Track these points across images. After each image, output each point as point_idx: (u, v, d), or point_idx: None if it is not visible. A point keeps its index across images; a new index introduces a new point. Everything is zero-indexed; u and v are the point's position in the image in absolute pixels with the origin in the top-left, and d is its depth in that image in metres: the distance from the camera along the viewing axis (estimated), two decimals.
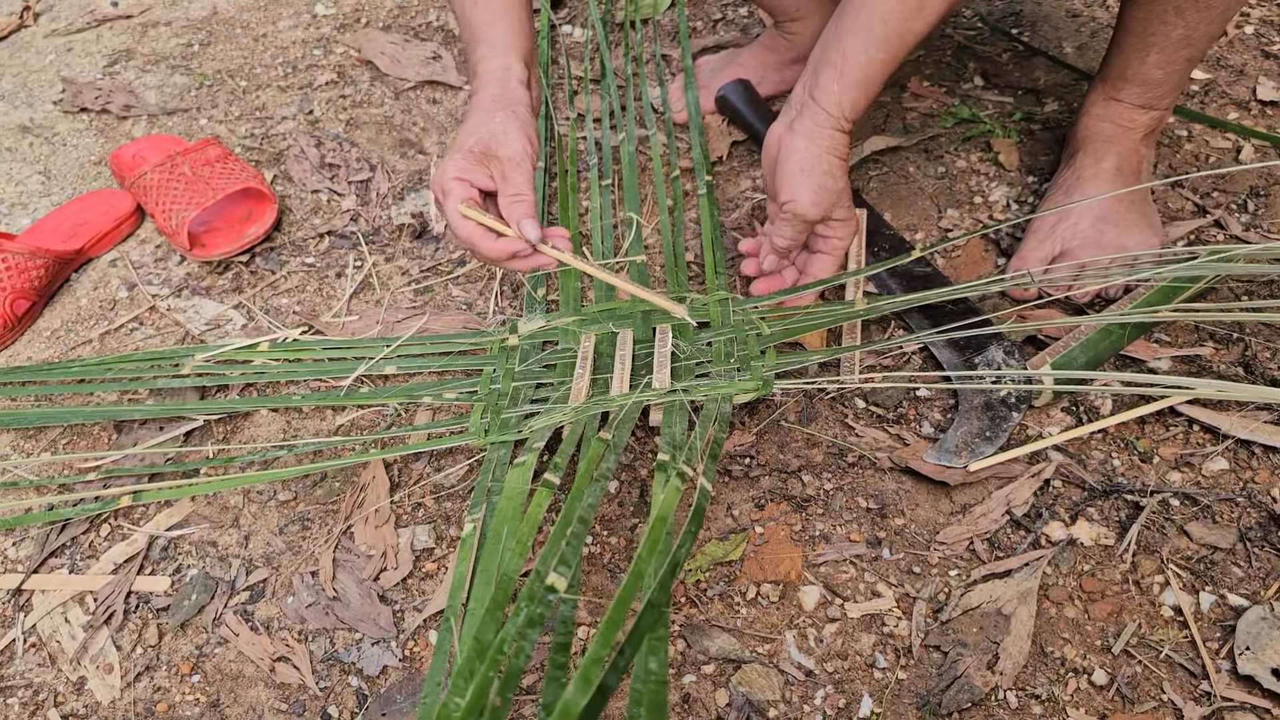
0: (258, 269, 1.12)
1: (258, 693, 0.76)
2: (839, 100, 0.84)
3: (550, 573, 0.62)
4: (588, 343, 0.93)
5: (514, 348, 0.96)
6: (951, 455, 0.83)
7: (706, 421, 0.79)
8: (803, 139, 0.85)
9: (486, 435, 0.86)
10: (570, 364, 0.92)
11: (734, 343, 0.91)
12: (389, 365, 0.96)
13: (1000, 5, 1.40)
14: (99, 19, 1.59)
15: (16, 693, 0.78)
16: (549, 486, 0.72)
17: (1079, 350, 0.87)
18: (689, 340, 0.92)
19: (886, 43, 0.81)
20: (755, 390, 0.84)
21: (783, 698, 0.72)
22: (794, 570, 0.79)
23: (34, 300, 1.07)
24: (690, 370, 0.89)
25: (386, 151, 1.27)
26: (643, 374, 0.88)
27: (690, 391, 0.84)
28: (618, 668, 0.53)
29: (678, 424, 0.80)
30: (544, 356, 0.95)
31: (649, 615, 0.58)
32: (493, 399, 0.90)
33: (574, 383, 0.88)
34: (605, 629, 0.55)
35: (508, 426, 0.86)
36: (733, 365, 0.88)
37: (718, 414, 0.81)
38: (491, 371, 0.94)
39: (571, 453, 0.78)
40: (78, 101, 1.40)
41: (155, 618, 0.81)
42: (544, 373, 0.93)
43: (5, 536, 0.88)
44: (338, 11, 1.55)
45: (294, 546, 0.85)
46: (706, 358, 0.90)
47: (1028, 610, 0.74)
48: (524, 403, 0.89)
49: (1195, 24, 0.86)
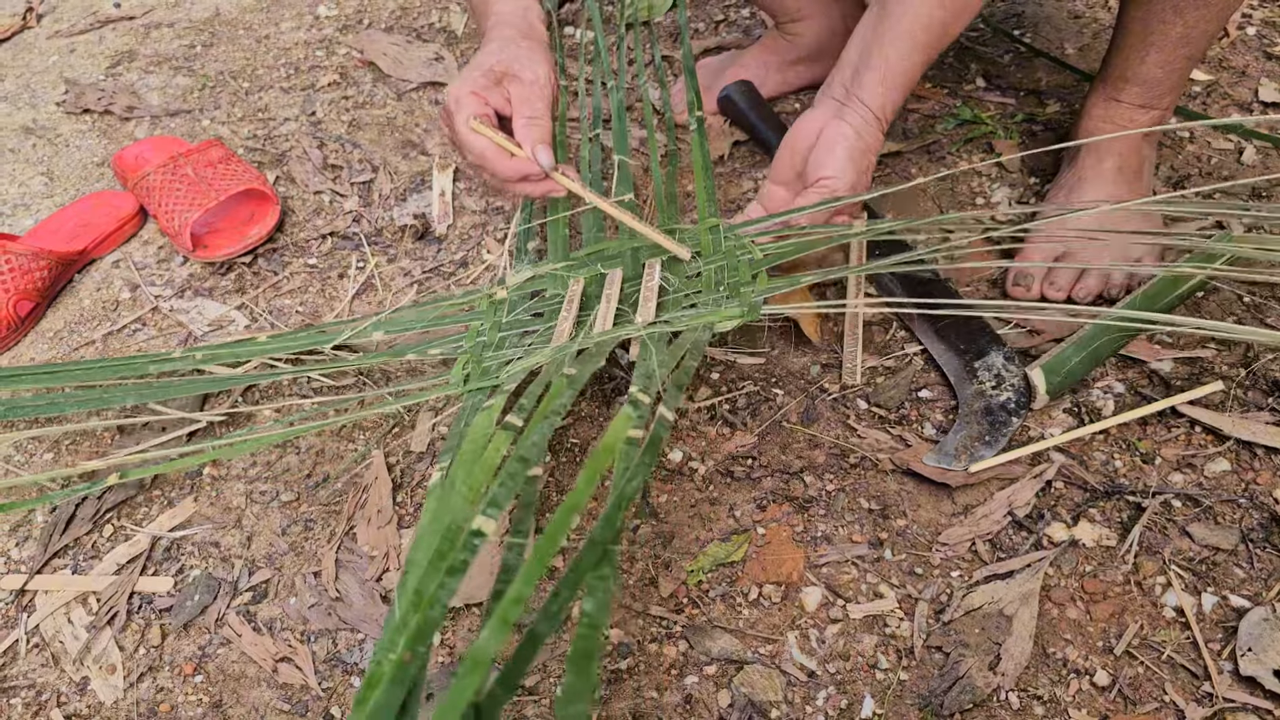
0: (260, 270, 1.12)
1: (260, 693, 0.76)
2: (883, 103, 0.85)
3: (477, 515, 0.55)
4: (575, 286, 0.91)
5: (502, 300, 0.93)
6: (950, 459, 0.83)
7: (678, 350, 0.75)
8: (854, 130, 0.85)
9: (466, 384, 0.82)
10: (559, 310, 0.89)
11: (724, 270, 0.88)
12: (376, 331, 0.93)
13: (1002, 7, 1.40)
14: (101, 20, 1.59)
15: (19, 693, 0.78)
16: (509, 429, 0.66)
17: (1073, 350, 0.87)
18: (678, 274, 0.90)
19: (927, 47, 0.83)
20: (740, 316, 0.80)
21: (785, 698, 0.72)
22: (796, 571, 0.79)
23: (37, 301, 1.07)
24: (678, 303, 0.86)
25: (389, 153, 1.27)
26: (630, 312, 0.85)
27: (672, 323, 0.80)
28: (551, 613, 0.48)
29: (654, 358, 0.75)
30: (532, 305, 0.92)
31: (591, 553, 0.51)
32: (477, 350, 0.87)
33: (558, 325, 0.85)
34: (530, 567, 0.49)
35: (488, 374, 0.83)
36: (722, 294, 0.85)
37: (692, 341, 0.76)
38: (479, 326, 0.91)
39: (540, 394, 0.73)
40: (80, 103, 1.40)
41: (158, 618, 0.82)
42: (532, 322, 0.90)
43: (8, 537, 0.88)
44: (340, 13, 1.55)
45: (296, 547, 0.85)
46: (696, 289, 0.87)
47: (1029, 611, 0.74)
48: (508, 350, 0.86)
49: (1194, 22, 0.86)
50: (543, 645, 0.46)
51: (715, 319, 0.80)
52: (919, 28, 0.82)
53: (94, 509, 0.89)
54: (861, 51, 0.86)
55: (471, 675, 0.43)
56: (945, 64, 1.30)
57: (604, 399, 0.93)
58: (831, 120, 0.87)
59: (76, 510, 0.89)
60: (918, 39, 0.83)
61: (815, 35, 1.22)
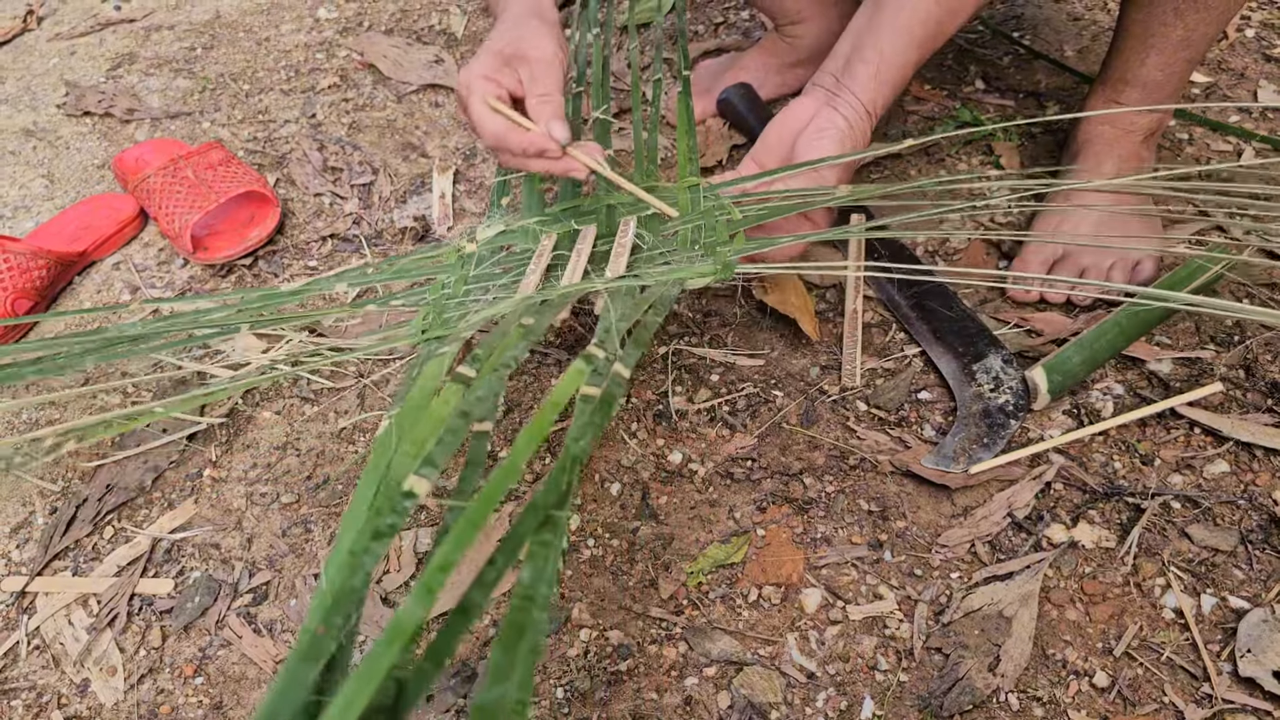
0: (260, 272, 1.12)
1: (261, 695, 0.76)
2: (873, 98, 0.84)
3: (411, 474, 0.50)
4: (547, 241, 0.89)
5: (471, 255, 0.91)
6: (949, 461, 0.83)
7: (642, 304, 0.71)
8: (846, 121, 0.85)
9: (424, 335, 0.80)
10: (528, 264, 0.87)
11: (700, 230, 0.86)
12: (339, 283, 0.90)
13: (1002, 9, 1.40)
14: (102, 23, 1.60)
15: (20, 695, 0.78)
16: (460, 380, 0.62)
17: (1074, 350, 0.87)
18: (654, 231, 0.88)
19: (923, 44, 0.83)
20: (713, 274, 0.77)
21: (784, 700, 0.72)
22: (795, 573, 0.79)
23: (35, 300, 1.07)
24: (652, 260, 0.84)
25: (389, 155, 1.27)
26: (601, 266, 0.83)
27: (642, 278, 0.77)
28: (486, 582, 0.43)
29: (620, 307, 0.71)
30: (502, 259, 0.90)
31: (531, 517, 0.47)
32: (439, 301, 0.85)
33: (525, 279, 0.83)
34: (460, 531, 0.44)
35: (449, 326, 0.80)
36: (697, 252, 0.83)
37: (658, 296, 0.72)
38: (445, 279, 0.89)
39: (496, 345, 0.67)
40: (81, 105, 1.40)
41: (158, 620, 0.82)
42: (500, 275, 0.87)
43: (9, 539, 0.89)
44: (340, 15, 1.56)
45: (297, 549, 0.85)
46: (671, 248, 0.85)
47: (1029, 612, 0.74)
48: (471, 303, 0.84)
49: (1195, 25, 0.86)
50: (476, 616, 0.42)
51: (686, 275, 0.78)
52: (915, 23, 0.82)
53: (95, 511, 0.89)
54: (855, 44, 0.86)
55: (390, 646, 0.38)
56: (944, 66, 1.30)
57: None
58: (824, 108, 0.86)
59: (77, 512, 0.89)
60: (914, 34, 0.82)
61: (815, 38, 1.22)
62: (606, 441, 0.90)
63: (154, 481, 0.91)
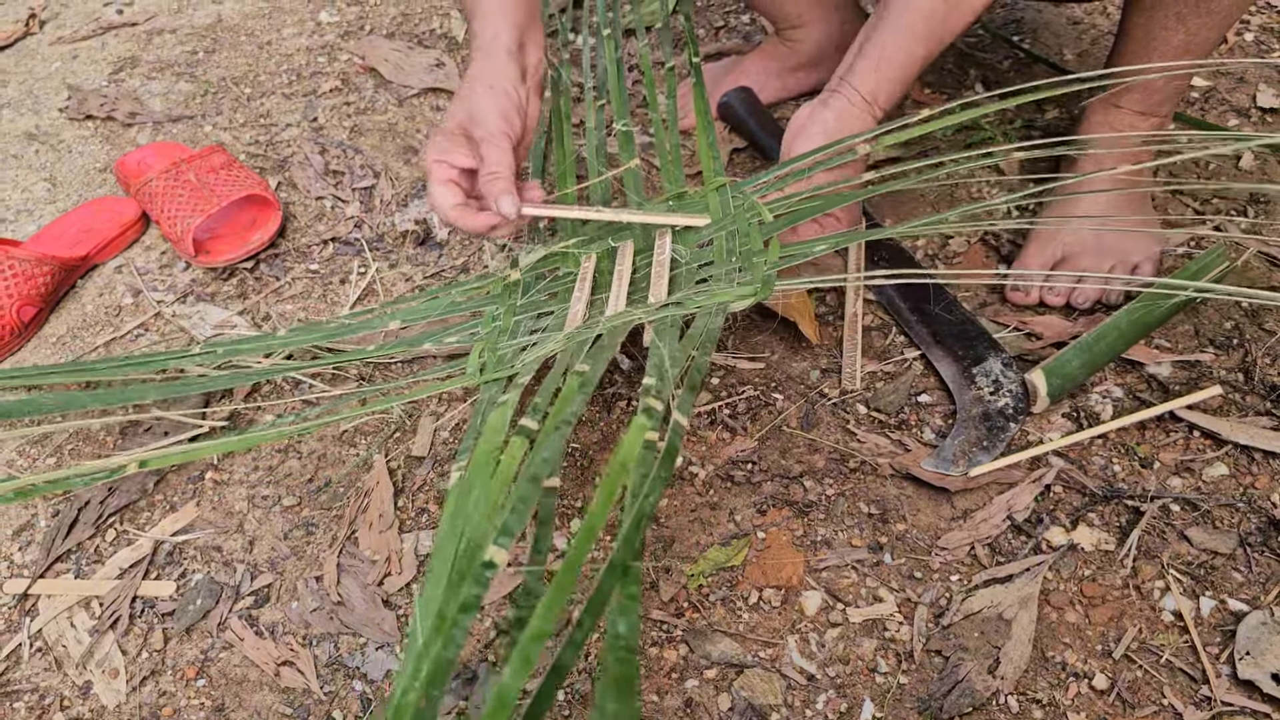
0: (262, 275, 1.13)
1: (262, 697, 0.77)
2: (874, 88, 0.85)
3: (489, 545, 0.52)
4: (588, 263, 0.89)
5: (516, 283, 0.92)
6: (949, 464, 0.84)
7: (689, 344, 0.71)
8: (834, 114, 0.86)
9: (481, 374, 0.80)
10: (572, 289, 0.87)
11: (735, 237, 0.86)
12: (393, 320, 0.92)
13: (1001, 13, 1.40)
14: (104, 26, 1.60)
15: (23, 697, 0.78)
16: (524, 434, 0.63)
17: (1074, 353, 0.87)
18: (688, 243, 0.88)
19: (927, 39, 0.84)
20: (752, 295, 0.77)
21: (785, 702, 0.73)
22: (796, 575, 0.79)
23: (40, 307, 1.08)
24: (691, 276, 0.84)
25: (390, 158, 1.28)
26: (643, 288, 0.83)
27: (684, 304, 0.78)
28: (576, 642, 0.46)
29: (669, 344, 0.72)
30: (546, 285, 0.90)
31: (611, 576, 0.49)
32: (493, 337, 0.85)
33: (571, 307, 0.83)
34: (551, 598, 0.46)
35: (504, 362, 0.81)
36: (734, 265, 0.83)
37: (703, 334, 0.72)
38: (494, 310, 0.89)
39: (554, 391, 0.70)
40: (83, 109, 1.41)
41: (160, 622, 0.82)
42: (547, 302, 0.88)
43: (11, 541, 0.89)
44: (341, 19, 1.56)
45: (298, 552, 0.86)
46: (708, 259, 0.85)
47: (1028, 615, 0.75)
48: (523, 335, 0.84)
49: (1196, 30, 0.87)
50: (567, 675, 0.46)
51: (729, 298, 0.78)
52: (919, 18, 0.83)
53: (97, 513, 0.89)
54: (859, 45, 0.87)
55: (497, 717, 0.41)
56: (944, 70, 1.30)
57: (604, 403, 0.94)
58: (818, 108, 0.88)
59: (79, 515, 0.89)
60: (917, 29, 0.83)
61: (815, 42, 1.22)
62: (607, 444, 0.90)
63: (156, 484, 0.92)
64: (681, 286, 0.83)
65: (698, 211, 0.91)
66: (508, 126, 0.82)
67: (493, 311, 0.90)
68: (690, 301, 0.78)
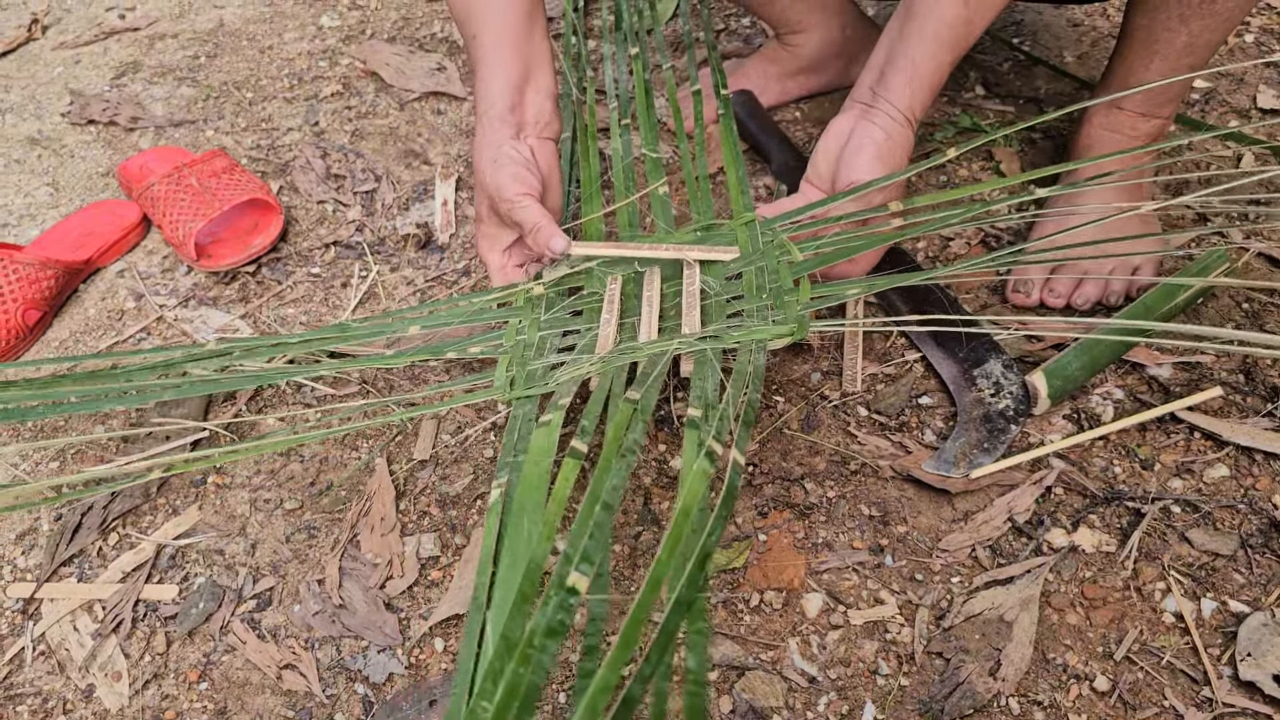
0: (264, 279, 1.13)
1: (265, 700, 0.77)
2: (910, 103, 0.86)
3: (571, 571, 0.53)
4: (614, 285, 0.90)
5: (539, 297, 0.92)
6: (949, 466, 0.84)
7: (739, 381, 0.72)
8: (882, 132, 0.86)
9: (511, 389, 0.81)
10: (598, 309, 0.88)
11: (764, 273, 0.87)
12: (413, 325, 0.92)
13: (1001, 15, 1.40)
14: (106, 32, 1.60)
15: (26, 700, 0.79)
16: (576, 456, 0.65)
17: (1074, 355, 0.87)
18: (717, 276, 0.89)
19: (953, 45, 0.84)
20: (790, 334, 0.79)
21: (786, 704, 0.73)
22: (797, 577, 0.79)
23: (45, 311, 1.08)
24: (721, 309, 0.85)
25: (392, 162, 1.28)
26: (672, 315, 0.85)
27: (721, 338, 0.79)
28: (643, 676, 0.48)
29: (710, 377, 0.74)
30: (571, 304, 0.91)
31: (676, 615, 0.51)
32: (518, 350, 0.86)
33: (600, 329, 0.84)
34: (617, 653, 0.48)
35: (534, 379, 0.81)
36: (765, 300, 0.83)
37: (751, 370, 0.74)
38: (518, 323, 0.90)
39: (599, 413, 0.72)
40: (85, 113, 1.41)
41: (163, 625, 0.82)
42: (571, 320, 0.89)
43: (15, 545, 0.89)
44: (343, 24, 1.56)
45: (300, 555, 0.86)
46: (736, 293, 0.86)
47: (1030, 617, 0.75)
48: (550, 353, 0.85)
49: (1199, 32, 0.87)
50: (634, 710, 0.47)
51: (767, 336, 0.79)
52: (944, 26, 0.83)
53: (100, 517, 0.89)
54: (888, 53, 0.87)
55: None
56: None
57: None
58: (860, 122, 0.88)
59: (83, 519, 0.89)
60: (943, 37, 0.84)
61: (816, 46, 1.22)
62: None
63: (159, 488, 0.92)
64: (712, 317, 0.84)
65: (726, 244, 0.92)
66: (526, 187, 0.85)
67: (516, 324, 0.90)
68: (727, 336, 0.79)
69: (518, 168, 0.86)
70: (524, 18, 0.89)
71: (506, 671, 0.49)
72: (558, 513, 0.60)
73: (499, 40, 0.88)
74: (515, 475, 0.70)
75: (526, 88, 0.89)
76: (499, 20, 0.88)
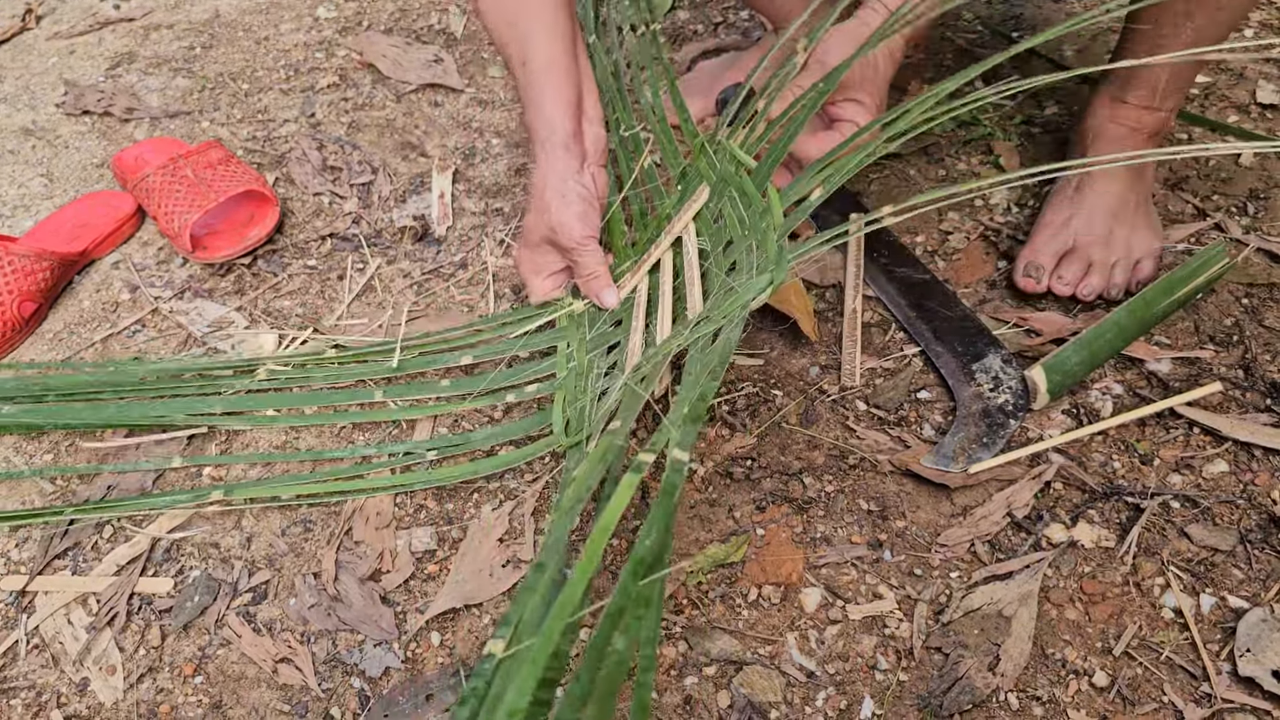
0: (260, 271, 1.12)
1: (260, 694, 0.76)
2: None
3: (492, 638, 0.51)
4: (641, 286, 0.90)
5: (581, 314, 0.92)
6: (948, 460, 0.84)
7: (694, 374, 0.70)
8: (857, 19, 0.87)
9: (567, 433, 0.81)
10: (632, 312, 0.88)
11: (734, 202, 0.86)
12: (465, 355, 0.93)
13: (1001, 8, 1.40)
14: (101, 22, 1.59)
15: (19, 694, 0.78)
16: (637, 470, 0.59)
17: (1073, 350, 0.87)
18: (708, 228, 0.89)
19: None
20: (769, 284, 0.74)
21: (784, 699, 0.73)
22: (795, 572, 0.79)
23: (40, 302, 1.07)
24: (721, 268, 0.83)
25: (388, 154, 1.27)
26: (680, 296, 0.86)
27: (712, 318, 0.76)
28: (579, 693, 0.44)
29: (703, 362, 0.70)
30: (610, 315, 0.90)
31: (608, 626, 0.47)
32: (570, 381, 0.86)
33: (628, 344, 0.84)
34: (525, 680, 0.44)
35: (582, 418, 0.81)
36: (748, 236, 0.82)
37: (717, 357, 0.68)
38: (567, 348, 0.89)
39: None
40: (80, 104, 1.40)
41: (158, 619, 0.82)
42: (614, 333, 0.89)
43: (8, 538, 0.88)
44: (339, 15, 1.56)
45: (296, 548, 0.85)
46: (727, 239, 0.85)
47: (1028, 612, 0.75)
48: (596, 379, 0.84)
49: (1203, 27, 0.86)
50: None
51: (748, 295, 0.75)
52: None
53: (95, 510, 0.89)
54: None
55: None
56: (943, 66, 1.30)
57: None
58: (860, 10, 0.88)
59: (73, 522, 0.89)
60: None
61: None
62: None
63: (154, 481, 0.91)
64: (713, 282, 0.83)
65: (699, 185, 0.92)
66: (591, 229, 0.86)
67: (565, 351, 0.90)
68: (716, 312, 0.77)
69: (585, 206, 0.86)
70: (571, 41, 0.87)
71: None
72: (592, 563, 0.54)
73: (551, 65, 0.85)
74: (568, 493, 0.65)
75: (581, 114, 0.88)
76: (549, 44, 0.85)
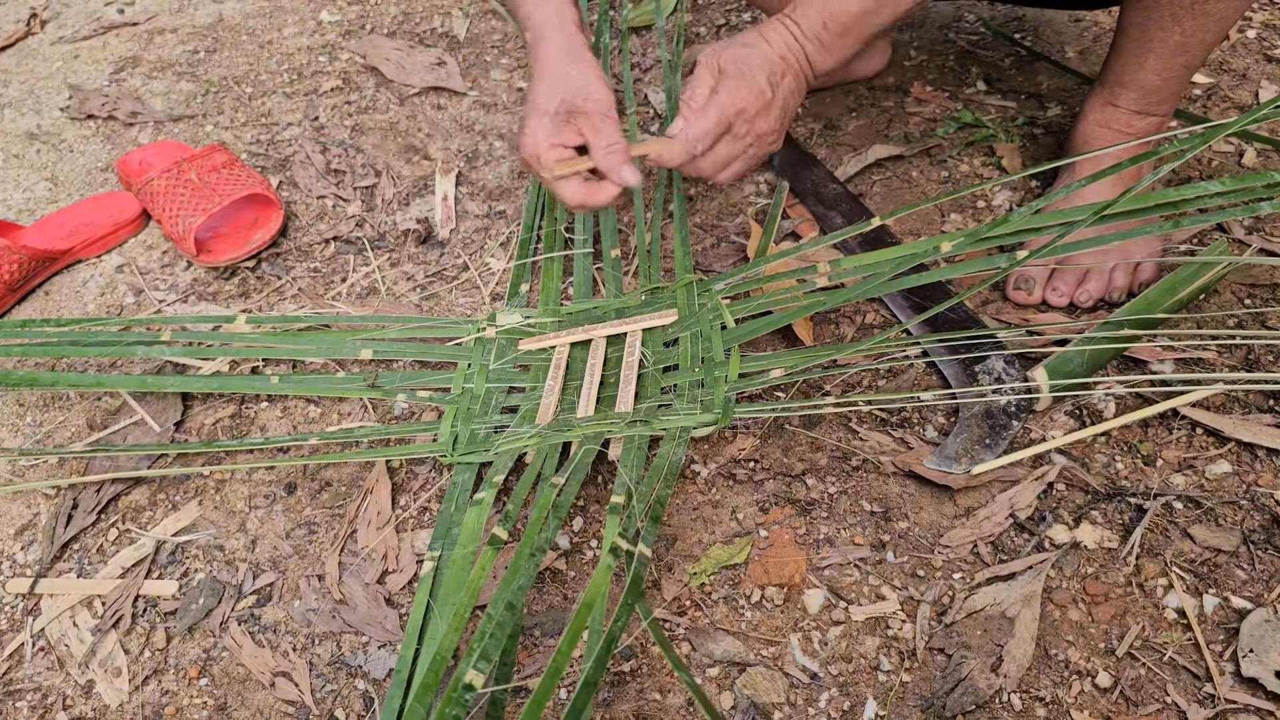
0: (264, 274, 1.13)
1: (265, 696, 0.77)
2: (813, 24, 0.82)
3: (469, 669, 0.57)
4: (562, 351, 0.93)
5: (491, 341, 0.95)
6: (951, 462, 0.84)
7: (655, 475, 0.77)
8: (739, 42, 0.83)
9: (454, 450, 0.85)
10: (544, 366, 0.91)
11: (699, 341, 0.89)
12: (365, 349, 0.96)
13: (1003, 10, 1.40)
14: (105, 26, 1.60)
15: (25, 696, 0.79)
16: (495, 544, 0.70)
17: (1075, 351, 0.87)
18: (657, 343, 0.92)
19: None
20: (714, 422, 0.83)
21: (787, 700, 0.73)
22: (798, 574, 0.79)
23: (2, 294, 1.08)
24: (656, 382, 0.88)
25: (391, 157, 1.28)
26: (612, 384, 0.88)
27: (651, 424, 0.82)
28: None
29: (635, 461, 0.79)
30: (519, 357, 0.93)
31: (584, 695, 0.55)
32: (464, 401, 0.89)
33: (544, 397, 0.87)
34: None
35: (475, 440, 0.85)
36: (698, 375, 0.87)
37: (666, 468, 0.78)
38: (466, 367, 0.92)
39: (526, 496, 0.77)
40: (84, 108, 1.41)
41: (163, 621, 0.82)
42: (517, 375, 0.92)
43: (14, 541, 0.89)
44: (343, 18, 1.56)
45: (300, 551, 0.86)
46: (672, 362, 0.90)
47: (1031, 613, 0.75)
48: (495, 411, 0.88)
49: (1192, 31, 0.86)
50: None
51: (691, 423, 0.83)
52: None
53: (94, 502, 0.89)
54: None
55: None
56: (946, 68, 1.30)
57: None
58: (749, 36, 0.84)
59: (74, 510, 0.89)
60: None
61: None
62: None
63: (158, 483, 0.92)
64: (647, 389, 0.87)
65: (668, 306, 0.95)
66: (610, 96, 0.82)
67: (464, 370, 0.92)
68: (656, 422, 0.82)
69: (600, 72, 0.82)
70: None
71: None
72: (470, 604, 0.65)
73: None
74: (447, 552, 0.75)
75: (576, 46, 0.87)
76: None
